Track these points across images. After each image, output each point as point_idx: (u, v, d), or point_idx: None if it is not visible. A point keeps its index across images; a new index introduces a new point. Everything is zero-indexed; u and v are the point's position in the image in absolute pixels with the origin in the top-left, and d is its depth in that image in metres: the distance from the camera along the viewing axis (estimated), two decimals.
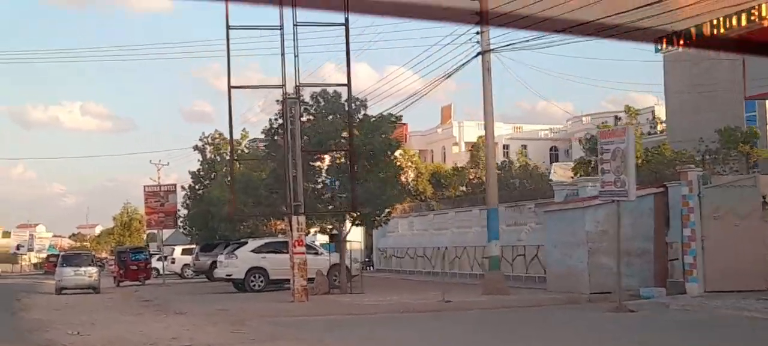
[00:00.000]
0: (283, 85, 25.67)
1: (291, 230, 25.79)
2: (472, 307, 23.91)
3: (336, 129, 27.70)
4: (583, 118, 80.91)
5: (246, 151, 44.63)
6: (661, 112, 58.37)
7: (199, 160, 44.74)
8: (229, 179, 41.65)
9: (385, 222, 29.50)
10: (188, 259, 53.30)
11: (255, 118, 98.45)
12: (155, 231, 74.75)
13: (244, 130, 44.53)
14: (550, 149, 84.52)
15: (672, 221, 25.77)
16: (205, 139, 44.64)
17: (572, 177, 37.29)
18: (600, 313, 21.01)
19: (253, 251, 33.75)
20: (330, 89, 28.55)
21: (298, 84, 25.68)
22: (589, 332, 18.27)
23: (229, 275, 33.67)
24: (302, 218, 25.84)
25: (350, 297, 27.58)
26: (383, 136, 27.93)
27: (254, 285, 33.18)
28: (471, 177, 50.32)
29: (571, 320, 20.33)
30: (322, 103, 28.32)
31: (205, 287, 39.36)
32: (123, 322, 22.37)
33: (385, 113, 28.82)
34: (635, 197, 21.36)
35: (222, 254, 35.88)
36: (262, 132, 29.17)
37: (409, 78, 73.18)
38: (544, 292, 27.35)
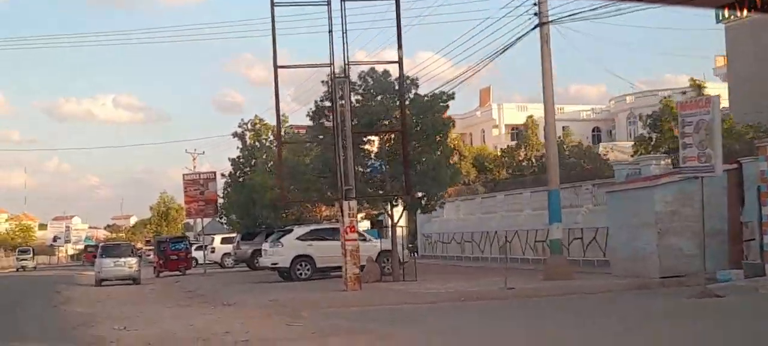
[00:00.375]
0: (331, 64, 24.36)
1: (342, 215, 24.49)
2: (537, 294, 22.51)
3: (386, 109, 26.31)
4: (627, 98, 79.05)
5: (285, 137, 43.45)
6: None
7: (238, 147, 43.61)
8: (270, 164, 40.64)
9: (440, 206, 28.12)
10: (228, 248, 52.29)
11: (287, 107, 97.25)
12: (191, 221, 74.44)
13: (284, 115, 43.20)
14: (593, 130, 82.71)
15: (747, 200, 24.15)
16: (244, 126, 43.46)
17: (632, 156, 35.60)
18: (680, 299, 19.49)
19: (298, 238, 32.50)
20: (378, 68, 27.14)
21: (347, 62, 24.36)
22: (685, 321, 16.72)
23: (275, 264, 32.46)
24: (353, 203, 24.53)
25: (403, 285, 26.26)
26: (436, 115, 26.50)
27: (300, 274, 31.96)
28: (520, 158, 48.71)
29: (657, 308, 18.79)
30: (371, 83, 26.95)
31: (249, 277, 38.23)
32: (170, 315, 21.22)
33: (436, 92, 27.31)
34: (722, 171, 19.82)
35: (265, 242, 34.67)
36: (307, 115, 27.90)
37: (456, 56, 71.37)
38: (609, 276, 25.84)
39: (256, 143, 42.50)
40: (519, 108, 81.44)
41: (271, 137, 42.85)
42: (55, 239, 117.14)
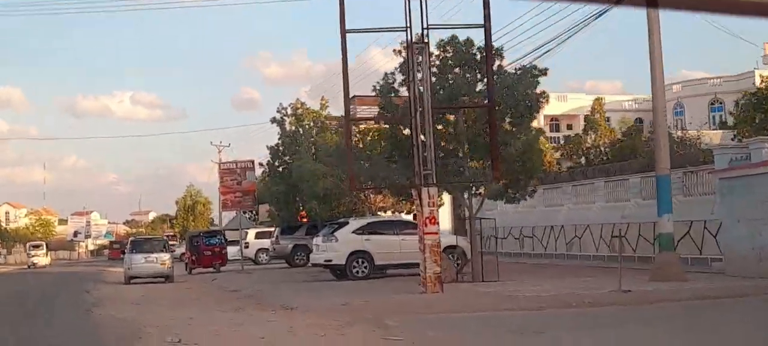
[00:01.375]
0: (408, 27, 20.80)
1: (420, 205, 20.97)
2: (660, 298, 18.85)
3: (467, 83, 22.69)
4: (673, 87, 75.22)
5: (326, 123, 39.95)
6: None
7: (278, 133, 40.03)
8: (314, 151, 37.17)
9: (530, 195, 24.53)
10: (263, 243, 48.98)
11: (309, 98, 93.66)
12: (214, 216, 71.13)
13: (323, 98, 39.81)
14: (635, 120, 78.95)
15: None
16: (283, 111, 39.92)
17: (733, 139, 31.77)
18: None
19: (354, 232, 29.04)
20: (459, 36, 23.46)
21: (426, 26, 20.80)
22: None
23: (329, 261, 29.00)
24: (433, 191, 21.01)
25: (488, 286, 22.71)
26: (528, 91, 22.87)
27: (357, 272, 28.52)
28: (588, 146, 44.93)
29: None
30: (451, 53, 23.33)
31: (291, 275, 34.83)
32: (226, 322, 17.76)
33: (526, 66, 23.55)
34: None
35: (317, 237, 31.22)
36: (372, 89, 24.25)
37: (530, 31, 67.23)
38: (726, 278, 22.25)
39: (299, 129, 38.94)
40: (558, 98, 77.70)
41: (312, 123, 39.35)
42: (75, 233, 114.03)
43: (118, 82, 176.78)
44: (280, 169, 39.69)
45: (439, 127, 24.07)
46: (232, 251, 46.30)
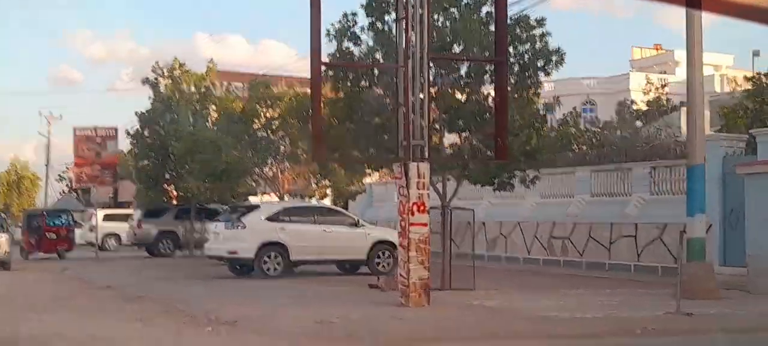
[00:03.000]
0: None
1: (406, 185, 15.41)
2: (730, 325, 14.06)
3: (466, 28, 17.14)
4: (546, 85, 72.33)
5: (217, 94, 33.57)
6: None
7: (150, 97, 33.08)
8: (192, 122, 30.65)
9: (532, 181, 19.33)
10: (113, 227, 41.94)
11: None
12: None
13: (210, 61, 33.23)
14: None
15: None
16: (159, 71, 33.03)
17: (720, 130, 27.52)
18: None
19: (268, 219, 23.14)
20: None
21: None
22: None
23: (233, 253, 22.91)
24: (425, 167, 15.52)
25: (470, 296, 17.41)
26: (539, 46, 17.63)
27: (269, 268, 22.64)
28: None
29: None
30: None
31: (165, 266, 28.42)
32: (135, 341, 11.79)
33: (520, 14, 18.21)
34: None
35: (217, 221, 25.09)
36: (326, 34, 18.21)
37: None
38: (748, 295, 17.93)
39: (176, 94, 32.19)
40: None
41: (193, 88, 32.72)
42: None
43: None
44: (150, 140, 32.91)
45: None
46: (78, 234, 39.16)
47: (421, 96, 15.15)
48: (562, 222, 27.98)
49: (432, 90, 16.61)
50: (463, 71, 18.54)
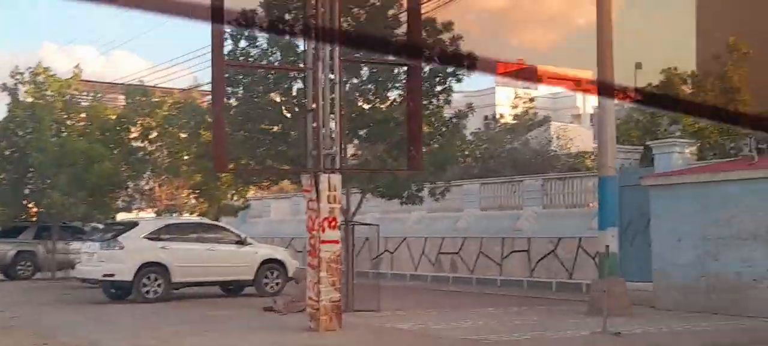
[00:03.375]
0: None
1: (317, 199, 14.15)
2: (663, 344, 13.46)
3: (376, 29, 15.95)
4: None
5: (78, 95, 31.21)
6: None
7: (8, 105, 30.32)
8: (56, 132, 28.15)
9: (442, 194, 18.19)
10: None
11: None
12: None
13: (77, 66, 30.80)
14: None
15: None
16: (18, 76, 30.38)
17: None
18: None
19: (147, 237, 21.33)
20: None
21: None
22: None
23: (110, 276, 20.95)
24: (337, 179, 14.32)
25: (383, 318, 16.28)
26: (451, 52, 16.64)
27: (148, 291, 20.85)
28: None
29: None
30: None
31: (36, 290, 25.93)
32: None
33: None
34: None
35: (89, 240, 23.03)
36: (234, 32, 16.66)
37: None
38: (662, 312, 17.54)
39: (41, 101, 29.54)
40: None
41: (53, 96, 30.13)
42: None
43: None
44: (8, 152, 30.21)
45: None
46: None
47: (333, 98, 13.92)
48: (452, 237, 27.23)
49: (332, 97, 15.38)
50: (365, 77, 17.42)
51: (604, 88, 17.25)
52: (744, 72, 22.05)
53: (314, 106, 14.18)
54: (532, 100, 54.49)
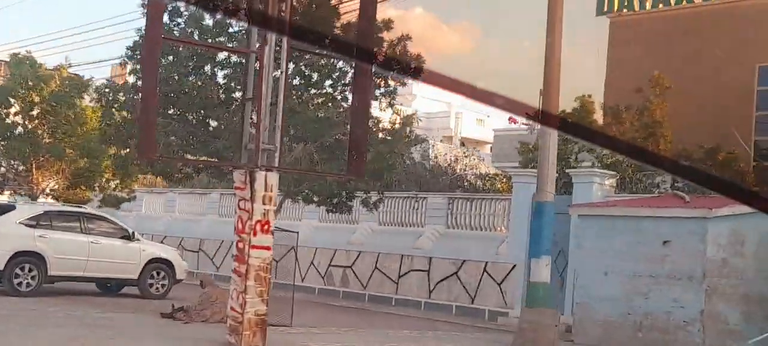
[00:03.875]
0: None
1: (251, 199, 12.61)
2: None
3: (321, 19, 14.50)
4: None
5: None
6: None
7: None
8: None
9: (375, 205, 16.75)
10: None
11: None
12: None
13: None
14: None
15: None
16: None
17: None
18: None
19: (24, 222, 19.11)
20: None
21: None
22: None
23: None
24: (274, 178, 12.83)
25: (300, 334, 14.86)
26: (397, 53, 15.33)
27: (21, 283, 18.65)
28: None
29: None
30: None
31: None
32: None
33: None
34: None
35: None
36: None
37: None
38: None
39: None
40: None
41: None
42: None
43: None
44: None
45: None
46: None
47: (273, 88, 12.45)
48: (345, 250, 25.91)
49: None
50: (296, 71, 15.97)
51: (547, 117, 16.44)
52: (665, 106, 21.73)
53: (255, 94, 12.68)
54: (414, 114, 53.83)
